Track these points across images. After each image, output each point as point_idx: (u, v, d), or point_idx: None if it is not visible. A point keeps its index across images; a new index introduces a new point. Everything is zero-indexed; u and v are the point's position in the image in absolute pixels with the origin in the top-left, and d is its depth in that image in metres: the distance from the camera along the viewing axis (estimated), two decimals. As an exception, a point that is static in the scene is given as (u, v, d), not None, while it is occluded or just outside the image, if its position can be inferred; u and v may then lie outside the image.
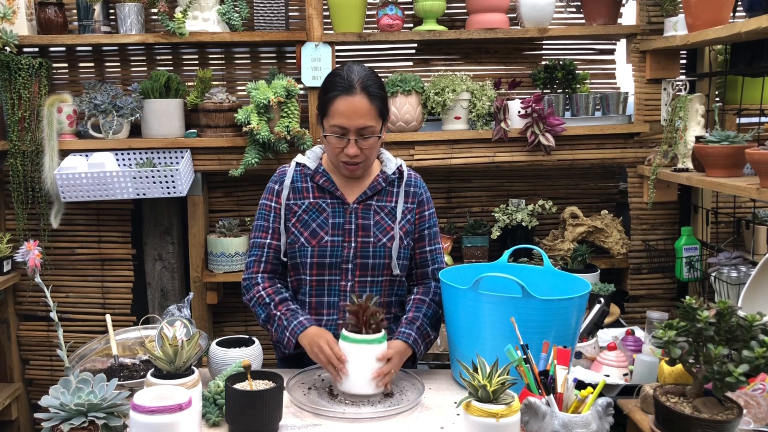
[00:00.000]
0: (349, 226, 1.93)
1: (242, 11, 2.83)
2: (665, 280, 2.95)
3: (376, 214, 1.95)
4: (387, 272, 1.95)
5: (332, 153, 1.90)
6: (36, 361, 3.11)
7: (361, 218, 1.94)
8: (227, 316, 3.15)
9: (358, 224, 1.93)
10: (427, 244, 2.01)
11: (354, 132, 1.84)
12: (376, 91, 1.87)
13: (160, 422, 1.32)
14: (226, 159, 2.83)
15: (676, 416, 1.41)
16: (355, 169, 1.91)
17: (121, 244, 3.05)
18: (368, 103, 1.84)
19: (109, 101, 2.74)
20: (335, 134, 1.85)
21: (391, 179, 1.99)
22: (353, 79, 1.85)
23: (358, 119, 1.83)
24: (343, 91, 1.84)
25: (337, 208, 1.94)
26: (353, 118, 1.82)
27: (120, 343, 1.90)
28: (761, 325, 1.40)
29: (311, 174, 1.97)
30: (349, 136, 1.84)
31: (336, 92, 1.85)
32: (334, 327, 1.91)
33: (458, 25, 3.00)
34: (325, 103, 1.88)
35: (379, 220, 1.95)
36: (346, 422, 1.59)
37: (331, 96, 1.86)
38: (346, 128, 1.83)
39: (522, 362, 1.46)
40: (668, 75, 2.81)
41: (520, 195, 3.09)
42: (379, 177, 1.98)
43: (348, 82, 1.84)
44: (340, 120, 1.83)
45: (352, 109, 1.83)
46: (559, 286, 1.87)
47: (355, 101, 1.83)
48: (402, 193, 1.99)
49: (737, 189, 2.13)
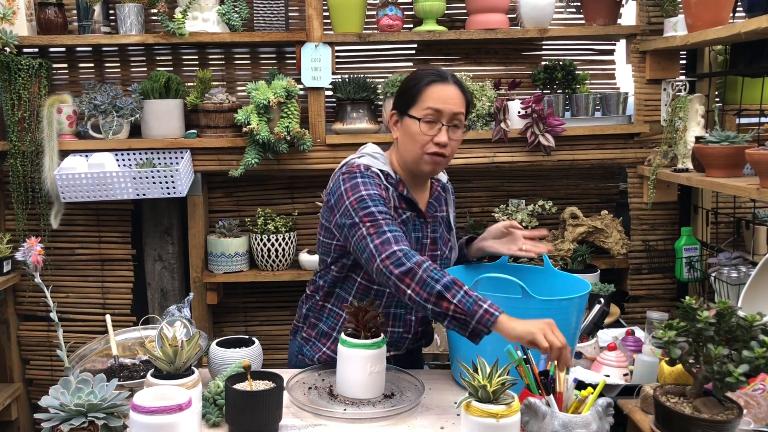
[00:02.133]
0: (426, 240, 1.89)
1: (242, 11, 2.83)
2: (665, 281, 2.95)
3: (439, 226, 1.94)
4: None
5: (418, 144, 1.80)
6: (36, 361, 3.11)
7: (432, 231, 1.91)
8: (227, 317, 3.15)
9: (431, 238, 1.90)
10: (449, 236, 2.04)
11: (447, 117, 1.79)
12: (464, 86, 1.85)
13: (160, 422, 1.32)
14: (226, 159, 2.83)
15: (676, 416, 1.41)
16: (440, 162, 1.82)
17: (121, 244, 3.05)
18: (460, 94, 1.82)
19: (108, 102, 2.75)
20: (429, 117, 1.79)
21: (444, 186, 1.98)
22: (445, 73, 1.83)
23: (453, 105, 1.79)
24: (438, 78, 1.81)
25: (417, 220, 1.88)
26: (449, 103, 1.79)
27: (120, 344, 1.90)
28: (761, 325, 1.40)
29: (394, 183, 1.85)
30: (442, 120, 1.79)
31: (429, 79, 1.81)
32: (399, 340, 1.90)
33: (458, 26, 3.00)
34: (416, 92, 1.81)
35: (441, 233, 1.94)
36: (346, 422, 1.59)
37: (423, 84, 1.81)
38: (441, 111, 1.78)
39: (522, 362, 1.46)
40: (668, 75, 2.81)
41: (520, 195, 3.09)
42: (437, 186, 1.95)
43: (441, 74, 1.83)
44: (435, 103, 1.78)
45: (447, 95, 1.79)
46: (559, 287, 1.87)
47: (449, 89, 1.80)
48: (451, 201, 1.98)
49: (737, 189, 2.12)
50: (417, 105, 1.80)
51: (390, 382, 1.75)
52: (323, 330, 1.92)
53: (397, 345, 1.90)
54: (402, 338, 1.90)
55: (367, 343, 1.65)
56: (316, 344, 1.93)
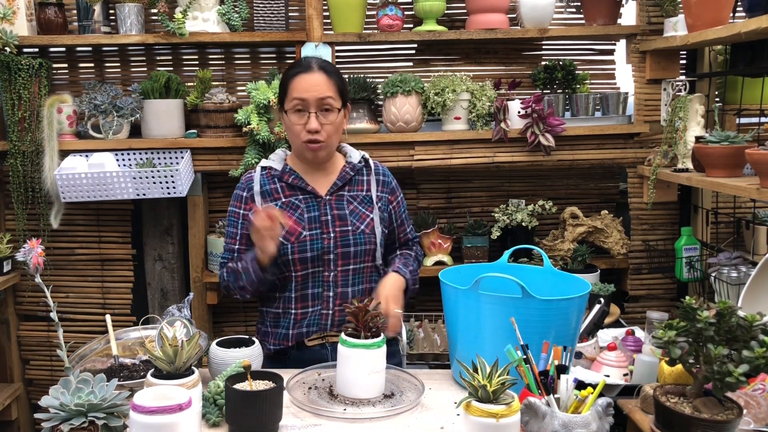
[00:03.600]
0: (326, 217, 1.98)
1: (242, 11, 2.83)
2: (665, 281, 2.95)
3: (350, 203, 2.01)
4: (368, 259, 2.01)
5: (294, 134, 1.94)
6: (36, 361, 3.11)
7: (336, 209, 1.99)
8: (227, 317, 3.15)
9: (334, 215, 1.98)
10: (406, 225, 2.17)
11: (314, 104, 1.89)
12: (333, 69, 1.96)
13: (160, 422, 1.32)
14: (226, 159, 2.83)
15: (676, 416, 1.41)
16: (318, 148, 1.93)
17: (121, 244, 3.05)
18: (326, 78, 1.92)
19: (109, 101, 2.75)
20: (296, 108, 1.90)
21: (358, 167, 2.05)
22: (310, 61, 1.95)
23: (317, 91, 1.89)
24: (301, 70, 1.93)
25: (310, 202, 1.99)
26: (312, 90, 1.89)
27: (120, 344, 1.90)
28: (761, 325, 1.40)
29: (279, 175, 2.01)
30: (310, 109, 1.90)
31: (293, 71, 1.94)
32: (319, 317, 1.99)
33: (458, 26, 3.01)
34: (284, 86, 1.95)
35: (354, 209, 2.01)
36: (346, 422, 1.59)
37: (288, 77, 1.95)
38: (306, 100, 1.89)
39: (522, 362, 1.46)
40: (668, 75, 2.81)
41: (520, 195, 3.09)
42: (346, 167, 2.05)
43: (305, 63, 1.95)
44: (299, 93, 1.90)
45: (311, 83, 1.90)
46: (559, 286, 1.87)
47: (313, 77, 1.91)
48: (374, 180, 2.05)
49: (737, 189, 2.12)
50: (287, 98, 1.94)
51: (390, 382, 1.75)
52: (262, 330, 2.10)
53: (318, 323, 1.99)
54: (320, 314, 1.99)
55: (367, 343, 1.65)
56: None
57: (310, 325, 1.99)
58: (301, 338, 2.00)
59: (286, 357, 2.02)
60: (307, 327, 1.99)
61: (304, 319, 1.99)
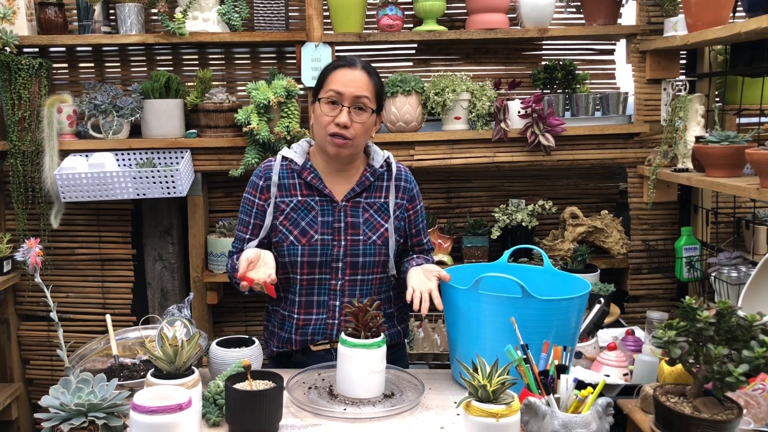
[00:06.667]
0: (339, 224, 1.93)
1: (242, 11, 2.83)
2: (665, 280, 2.95)
3: (366, 211, 1.96)
4: (377, 270, 1.95)
5: (321, 125, 1.88)
6: (36, 361, 3.11)
7: (351, 216, 1.94)
8: (227, 316, 3.15)
9: (347, 222, 1.93)
10: (423, 236, 2.08)
11: (349, 99, 1.85)
12: (375, 72, 1.92)
13: (160, 422, 1.32)
14: (226, 159, 2.83)
15: (676, 416, 1.41)
16: (342, 144, 1.86)
17: (121, 244, 3.05)
18: (367, 78, 1.88)
19: (109, 101, 2.75)
20: (330, 100, 1.86)
21: (380, 173, 1.98)
22: (355, 59, 1.92)
23: (355, 88, 1.85)
24: (344, 64, 1.90)
25: (325, 206, 1.94)
26: (350, 85, 1.85)
27: (120, 343, 1.90)
28: (761, 325, 1.40)
29: (299, 170, 1.95)
30: (344, 103, 1.85)
31: (336, 65, 1.90)
32: (324, 326, 1.93)
33: (458, 26, 3.01)
34: (323, 77, 1.91)
35: (369, 218, 1.95)
36: (346, 422, 1.59)
37: (330, 69, 1.91)
38: (342, 93, 1.85)
39: (522, 362, 1.47)
40: (668, 75, 2.81)
41: (520, 195, 3.09)
42: (366, 172, 1.97)
43: (350, 59, 1.91)
44: (336, 86, 1.86)
45: (351, 79, 1.86)
46: (559, 286, 1.87)
47: (354, 73, 1.87)
48: (393, 188, 1.99)
49: (737, 189, 2.13)
50: (323, 89, 1.89)
51: (390, 382, 1.75)
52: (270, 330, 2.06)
53: (324, 333, 1.94)
54: (326, 323, 1.94)
55: (367, 343, 1.65)
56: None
57: (315, 333, 1.94)
58: (306, 344, 1.95)
59: (291, 360, 1.98)
60: (311, 335, 1.94)
61: (308, 326, 1.94)
